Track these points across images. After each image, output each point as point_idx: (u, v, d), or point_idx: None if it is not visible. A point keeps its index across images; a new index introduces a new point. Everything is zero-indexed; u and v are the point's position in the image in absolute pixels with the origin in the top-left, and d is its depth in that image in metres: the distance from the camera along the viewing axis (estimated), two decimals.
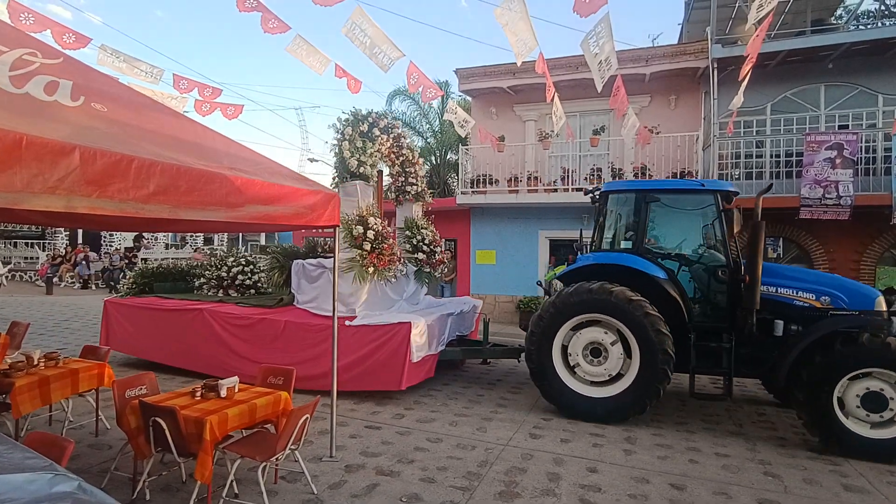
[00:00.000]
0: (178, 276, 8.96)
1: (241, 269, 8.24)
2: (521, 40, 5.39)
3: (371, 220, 6.63)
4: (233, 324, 6.85)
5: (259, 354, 6.46)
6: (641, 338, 5.40)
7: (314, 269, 7.05)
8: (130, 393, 3.90)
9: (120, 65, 7.07)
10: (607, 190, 6.33)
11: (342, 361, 6.02)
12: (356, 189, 7.03)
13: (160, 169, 2.85)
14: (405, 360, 5.98)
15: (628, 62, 11.26)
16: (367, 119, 7.21)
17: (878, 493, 4.15)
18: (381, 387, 6.13)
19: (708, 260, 5.84)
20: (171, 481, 3.98)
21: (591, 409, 5.63)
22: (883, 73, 10.11)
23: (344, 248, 6.61)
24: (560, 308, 5.71)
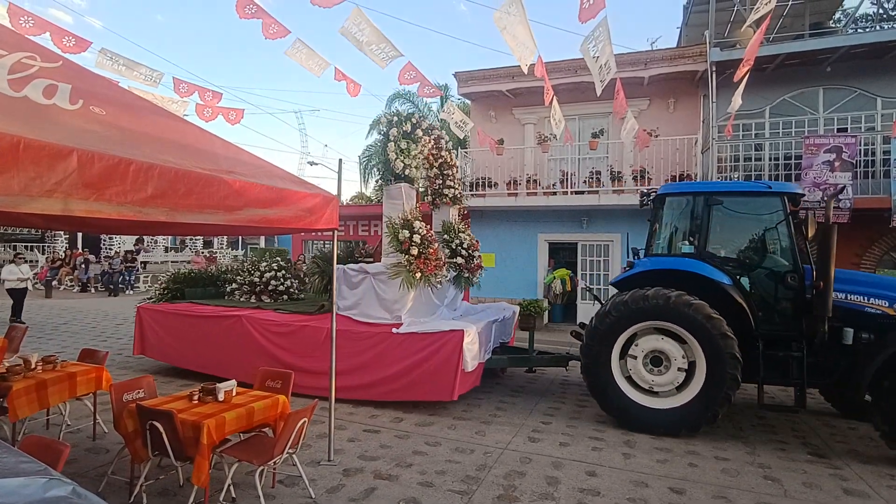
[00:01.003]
0: (209, 281, 8.76)
1: (274, 275, 8.10)
2: (521, 44, 5.40)
3: (416, 224, 6.45)
4: (273, 331, 6.67)
5: (301, 362, 6.27)
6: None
7: (356, 274, 6.83)
8: (128, 397, 3.89)
9: (119, 68, 7.08)
10: (664, 193, 6.11)
11: (389, 371, 5.99)
12: (401, 191, 6.77)
13: (158, 172, 2.85)
14: (457, 369, 5.74)
15: (627, 65, 11.29)
16: (409, 119, 6.99)
17: (878, 497, 4.14)
18: (432, 397, 5.93)
19: (773, 265, 5.56)
20: (169, 485, 3.96)
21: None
22: (881, 76, 10.13)
23: (389, 253, 6.50)
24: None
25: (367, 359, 6.09)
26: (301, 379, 6.16)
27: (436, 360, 5.84)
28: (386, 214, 6.72)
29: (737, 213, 5.74)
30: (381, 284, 6.46)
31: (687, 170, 10.97)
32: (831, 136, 9.51)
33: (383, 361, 6.04)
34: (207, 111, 8.05)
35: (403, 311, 6.38)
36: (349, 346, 6.16)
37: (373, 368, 6.08)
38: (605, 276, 12.23)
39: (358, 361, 6.14)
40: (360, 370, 6.11)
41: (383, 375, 6.03)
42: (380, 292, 6.46)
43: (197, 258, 25.25)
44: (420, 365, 5.90)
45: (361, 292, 6.69)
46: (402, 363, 5.97)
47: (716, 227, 5.74)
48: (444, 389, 5.79)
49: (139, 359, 8.57)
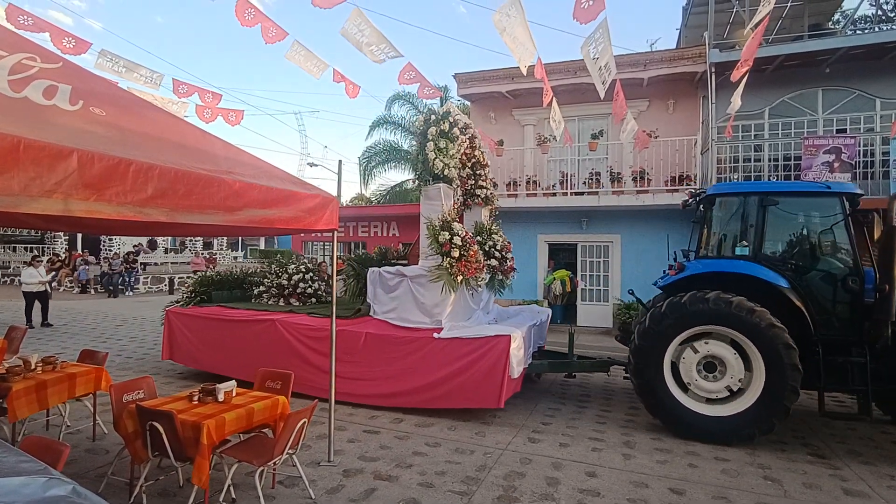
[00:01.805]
0: (235, 283, 8.57)
1: (302, 277, 7.94)
2: (521, 45, 5.40)
3: (456, 226, 6.25)
4: (308, 335, 6.46)
5: (340, 368, 5.92)
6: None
7: (392, 277, 6.61)
8: (128, 397, 3.89)
9: (119, 70, 7.09)
10: (714, 193, 5.92)
11: (430, 377, 5.80)
12: (439, 192, 6.48)
13: (158, 172, 2.85)
14: (504, 375, 5.54)
15: (626, 67, 11.30)
16: (446, 118, 6.71)
17: (878, 498, 4.14)
18: (476, 404, 5.73)
19: (830, 267, 5.38)
20: (169, 486, 3.96)
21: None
22: (880, 77, 10.15)
23: (428, 255, 6.30)
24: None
25: (407, 365, 5.92)
26: (339, 384, 6.01)
27: (481, 366, 5.63)
28: (424, 216, 6.49)
29: (793, 213, 5.58)
30: (419, 288, 6.29)
31: (686, 171, 10.97)
32: (830, 136, 9.53)
33: (424, 367, 5.85)
34: (207, 112, 8.06)
35: (443, 316, 6.17)
36: (388, 352, 6.02)
37: (413, 375, 5.90)
38: (604, 278, 12.24)
39: (397, 367, 5.97)
40: (400, 376, 5.95)
41: (424, 382, 5.84)
42: (418, 296, 6.28)
43: (197, 259, 25.25)
44: (464, 371, 5.69)
45: (398, 296, 6.51)
46: (445, 369, 5.76)
47: (770, 228, 5.56)
48: (489, 396, 5.58)
49: (139, 360, 8.58)
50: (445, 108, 6.75)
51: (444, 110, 6.71)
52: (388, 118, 22.38)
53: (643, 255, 11.65)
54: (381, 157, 22.64)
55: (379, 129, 22.48)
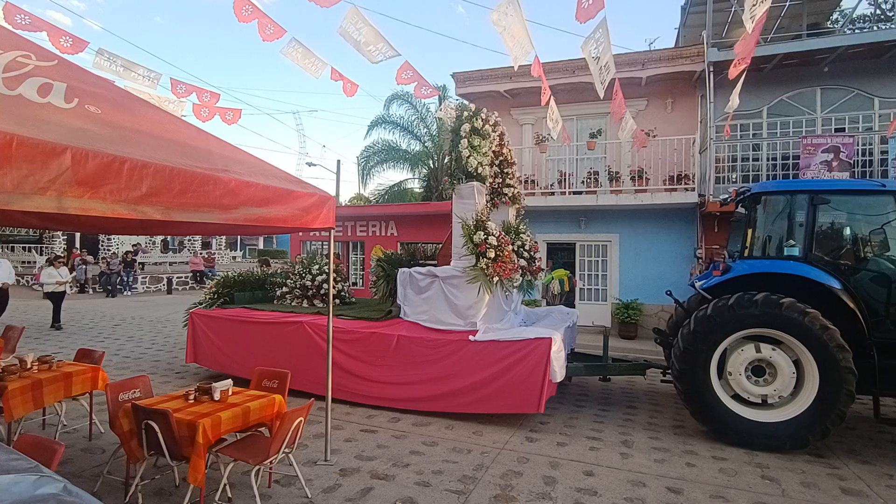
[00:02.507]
0: (256, 284, 8.41)
1: (326, 278, 7.69)
2: (518, 44, 5.39)
3: (490, 226, 6.10)
4: (338, 338, 6.10)
5: (370, 371, 6.04)
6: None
7: (423, 278, 6.45)
8: (124, 396, 3.89)
9: (117, 69, 7.07)
10: (760, 192, 5.75)
11: (467, 381, 5.64)
12: (473, 191, 6.32)
13: (153, 170, 2.84)
14: (544, 379, 5.34)
15: (625, 66, 11.29)
16: (479, 114, 6.55)
17: (876, 497, 4.13)
18: (515, 409, 5.55)
19: (883, 268, 5.20)
20: (164, 485, 3.95)
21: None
22: (879, 76, 10.14)
23: (462, 256, 6.14)
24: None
25: (442, 368, 5.75)
26: (370, 389, 6.01)
27: (520, 370, 5.46)
28: (458, 215, 6.32)
29: (844, 212, 5.43)
30: (452, 289, 6.14)
31: (685, 170, 10.97)
32: (829, 136, 9.52)
33: (460, 371, 5.68)
34: (205, 111, 8.04)
35: (478, 318, 6.02)
36: (422, 355, 5.88)
37: (448, 378, 5.74)
38: (602, 277, 12.23)
39: (432, 371, 5.82)
40: (435, 380, 5.80)
41: (460, 386, 5.67)
42: (451, 297, 6.13)
43: (195, 259, 25.22)
44: (502, 375, 5.51)
45: (430, 297, 6.36)
46: (482, 373, 5.59)
47: (820, 227, 5.41)
48: (529, 401, 5.40)
49: (137, 359, 8.57)
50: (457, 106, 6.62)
51: (472, 108, 6.52)
52: (386, 118, 22.37)
53: (641, 254, 11.64)
54: (380, 156, 22.63)
55: (377, 128, 22.49)
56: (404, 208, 16.57)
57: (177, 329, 12.03)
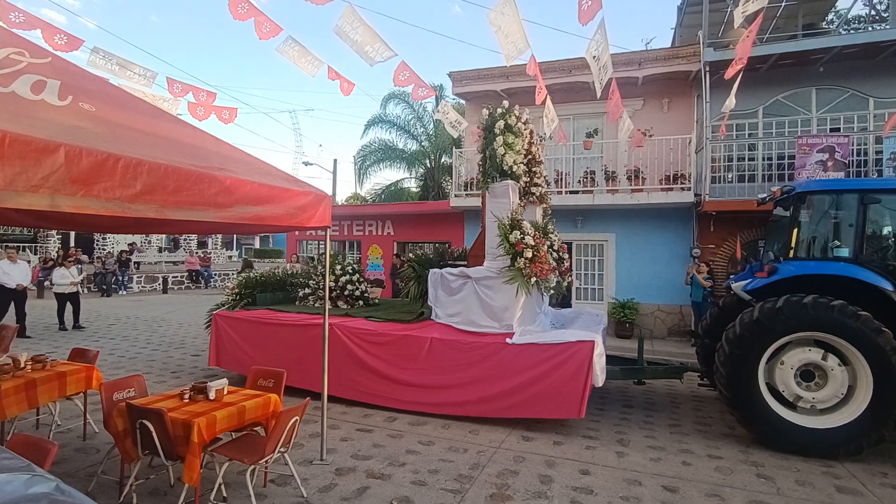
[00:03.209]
0: (277, 285, 8.25)
1: (349, 279, 7.64)
2: (512, 42, 5.40)
3: (525, 225, 5.93)
4: (369, 340, 6.11)
5: (402, 374, 5.88)
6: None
7: (455, 279, 6.28)
8: (118, 396, 3.87)
9: (112, 67, 7.03)
10: (806, 191, 5.57)
11: (504, 385, 5.48)
12: (507, 190, 6.14)
13: (147, 168, 2.82)
14: (586, 384, 5.20)
15: (622, 66, 11.31)
16: (512, 112, 6.40)
17: (870, 495, 4.15)
18: (555, 414, 5.41)
19: None
20: (159, 485, 3.93)
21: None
22: (873, 76, 10.19)
23: (497, 256, 5.98)
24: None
25: (478, 372, 5.59)
26: (403, 393, 5.86)
27: (560, 374, 5.29)
28: (493, 214, 6.17)
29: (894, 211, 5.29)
30: (486, 290, 6.00)
31: (681, 170, 11.00)
32: (824, 135, 9.56)
33: (497, 375, 5.52)
34: (200, 110, 8.01)
35: (514, 320, 5.86)
36: (456, 358, 5.71)
37: (485, 382, 5.57)
38: (599, 276, 12.25)
39: (467, 375, 5.65)
40: (470, 384, 5.63)
41: (497, 390, 5.50)
42: (486, 299, 5.99)
43: (191, 258, 25.13)
44: (542, 379, 5.35)
45: (462, 298, 6.20)
46: (520, 377, 5.43)
47: (870, 227, 5.25)
48: (569, 406, 5.24)
49: (132, 359, 8.53)
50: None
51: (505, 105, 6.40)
52: (383, 117, 22.34)
53: (638, 253, 11.67)
54: (377, 155, 22.60)
55: (374, 127, 22.45)
56: (401, 207, 16.57)
57: (172, 328, 12.00)
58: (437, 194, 21.64)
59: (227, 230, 6.14)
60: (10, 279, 9.99)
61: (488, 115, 6.41)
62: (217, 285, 24.88)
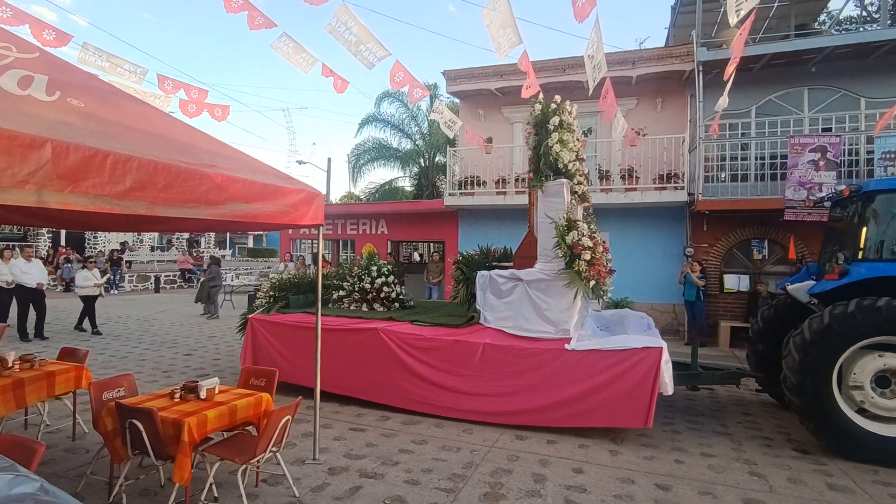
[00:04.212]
0: (308, 287, 7.88)
1: (385, 280, 7.36)
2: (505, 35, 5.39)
3: (582, 226, 5.64)
4: (416, 346, 5.85)
5: (453, 382, 5.64)
6: None
7: (505, 281, 6.02)
8: (108, 395, 3.82)
9: (102, 63, 6.95)
10: (875, 189, 5.39)
11: (564, 393, 5.26)
12: (561, 188, 5.88)
13: (137, 164, 2.79)
14: (653, 392, 4.99)
15: (615, 65, 11.33)
16: (565, 107, 6.14)
17: (862, 493, 4.17)
18: (620, 423, 5.21)
19: None
20: (149, 485, 3.89)
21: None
22: (865, 76, 10.26)
23: (552, 258, 5.74)
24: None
25: (536, 379, 5.37)
26: (454, 401, 5.65)
27: (626, 381, 5.08)
28: (547, 214, 5.90)
29: None
30: (539, 293, 5.74)
31: (674, 169, 11.03)
32: (816, 135, 9.61)
33: (556, 382, 5.31)
34: (192, 107, 7.94)
35: (571, 325, 5.60)
36: (512, 364, 5.48)
37: (543, 390, 5.35)
38: None
39: (523, 382, 5.42)
40: (528, 392, 5.40)
41: (557, 399, 5.28)
42: (539, 302, 5.73)
43: (183, 258, 24.98)
44: (605, 387, 5.13)
45: (513, 302, 5.94)
46: (581, 385, 5.20)
47: None
48: (636, 415, 5.04)
49: (123, 358, 8.46)
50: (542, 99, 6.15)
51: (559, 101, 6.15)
52: (377, 116, 22.29)
53: (632, 252, 11.69)
54: (371, 154, 22.55)
55: (368, 126, 22.40)
56: (394, 206, 16.54)
57: (164, 328, 11.91)
58: (432, 193, 21.63)
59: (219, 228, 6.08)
60: (29, 278, 9.83)
61: (541, 110, 6.10)
62: None
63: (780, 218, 9.49)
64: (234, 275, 23.05)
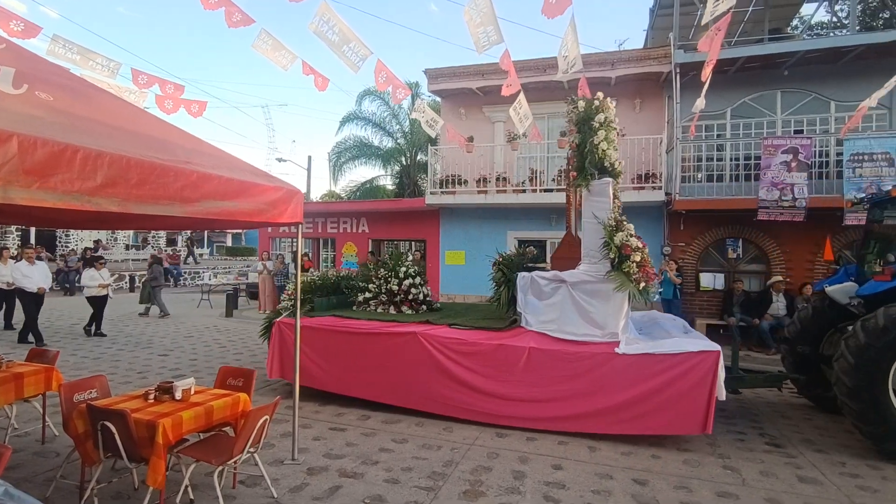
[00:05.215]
0: (331, 289, 7.66)
1: (412, 282, 7.11)
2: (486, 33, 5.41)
3: (629, 227, 5.52)
4: (458, 350, 5.65)
5: (498, 387, 5.46)
6: None
7: (547, 283, 5.82)
8: (79, 397, 3.72)
9: (73, 56, 6.76)
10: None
11: (615, 398, 5.13)
12: (607, 188, 5.74)
13: (108, 160, 2.72)
14: (711, 397, 4.88)
15: (595, 65, 11.46)
16: (608, 105, 6.04)
17: (830, 484, 4.29)
18: (675, 430, 5.09)
19: None
20: (122, 488, 3.81)
21: None
22: (835, 80, 10.55)
23: (598, 260, 5.60)
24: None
25: (585, 384, 5.23)
26: (497, 407, 5.49)
27: (681, 386, 4.96)
28: (593, 213, 5.74)
29: None
30: (585, 296, 5.57)
31: (652, 169, 11.20)
32: (788, 137, 9.85)
33: (607, 387, 5.16)
34: (168, 103, 7.78)
35: (619, 328, 5.45)
36: (560, 369, 5.32)
37: (593, 395, 5.22)
38: None
39: (571, 387, 5.27)
40: (575, 398, 5.26)
41: (609, 403, 5.15)
42: (585, 305, 5.56)
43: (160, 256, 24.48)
44: (659, 392, 5.01)
45: (556, 304, 5.76)
46: (633, 390, 5.07)
47: None
48: (692, 421, 4.93)
49: (96, 359, 8.26)
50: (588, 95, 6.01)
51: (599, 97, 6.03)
52: (358, 114, 22.16)
53: None
54: (352, 152, 22.41)
55: (349, 124, 22.25)
56: (375, 205, 16.46)
57: (139, 327, 11.67)
58: (413, 192, 21.59)
59: (195, 226, 5.94)
60: (30, 282, 9.36)
61: (584, 107, 5.93)
62: (187, 283, 24.32)
63: (753, 217, 9.70)
64: (212, 273, 22.71)
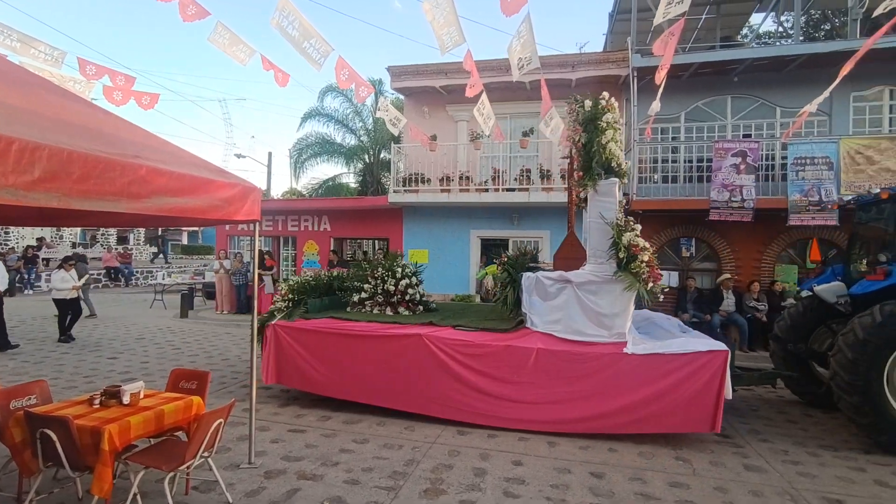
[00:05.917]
0: (324, 290, 7.38)
1: (409, 282, 6.91)
2: (448, 33, 5.42)
3: (636, 226, 5.49)
4: (464, 352, 5.54)
5: (506, 390, 5.40)
6: None
7: (552, 283, 5.77)
8: (16, 404, 3.54)
9: (12, 44, 6.39)
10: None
11: (624, 399, 5.13)
12: (613, 188, 5.72)
13: (47, 153, 2.57)
14: (720, 396, 4.94)
15: (556, 67, 11.64)
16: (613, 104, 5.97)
17: (773, 471, 4.51)
18: (685, 428, 5.16)
19: None
20: (65, 499, 3.62)
21: None
22: (780, 87, 11.08)
23: (605, 260, 5.55)
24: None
25: (594, 385, 5.22)
26: (504, 410, 5.40)
27: (691, 386, 5.01)
28: (601, 214, 5.67)
29: None
30: (590, 296, 5.54)
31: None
32: (738, 141, 10.27)
33: (616, 387, 5.17)
34: (117, 94, 7.45)
35: (625, 328, 5.43)
36: (566, 370, 5.29)
37: (603, 396, 5.21)
38: None
39: (579, 388, 5.25)
40: (583, 399, 5.24)
41: (620, 404, 5.15)
42: (591, 305, 5.52)
43: (108, 255, 23.46)
44: (669, 392, 5.04)
45: (561, 305, 5.69)
46: (643, 390, 5.09)
47: None
48: (701, 419, 5.00)
49: (38, 363, 7.82)
50: None
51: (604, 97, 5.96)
52: (320, 110, 21.82)
53: None
54: (314, 149, 22.04)
55: (311, 120, 21.89)
56: (337, 203, 16.22)
57: (86, 330, 11.14)
58: (377, 190, 21.44)
59: (146, 223, 5.71)
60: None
61: (590, 106, 5.88)
62: (140, 283, 23.39)
63: (705, 217, 10.08)
64: (165, 273, 21.92)
